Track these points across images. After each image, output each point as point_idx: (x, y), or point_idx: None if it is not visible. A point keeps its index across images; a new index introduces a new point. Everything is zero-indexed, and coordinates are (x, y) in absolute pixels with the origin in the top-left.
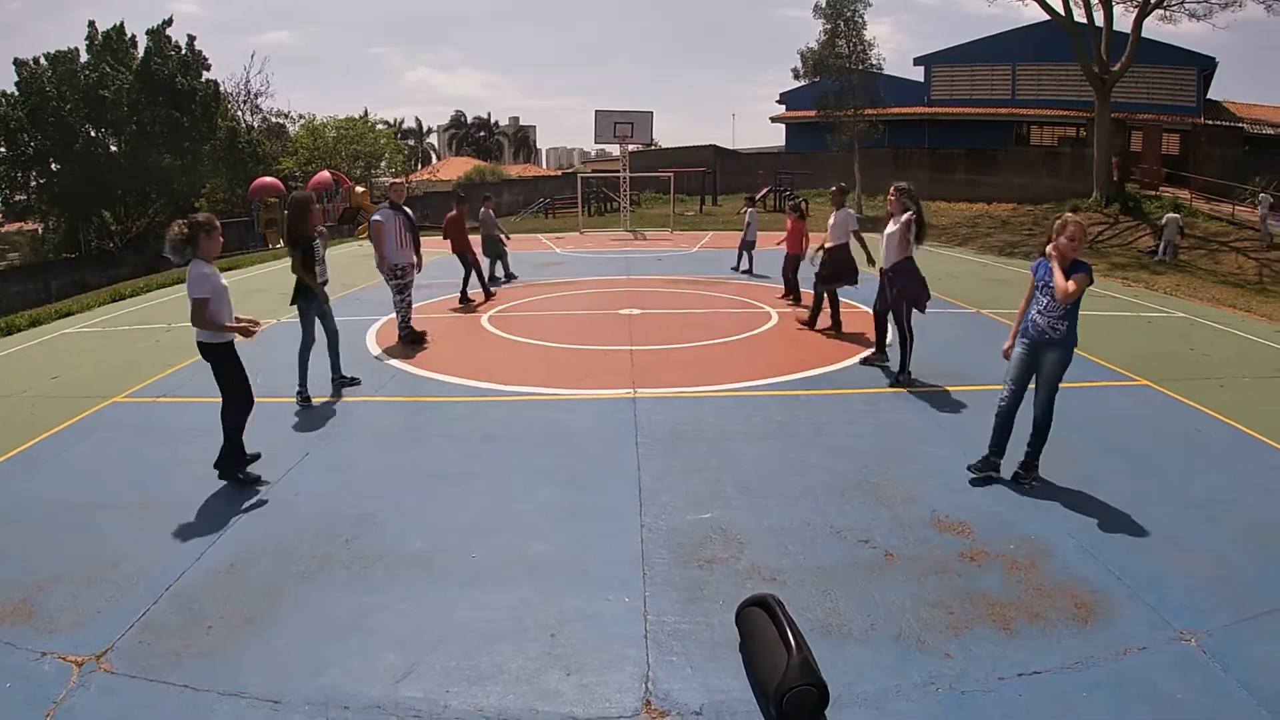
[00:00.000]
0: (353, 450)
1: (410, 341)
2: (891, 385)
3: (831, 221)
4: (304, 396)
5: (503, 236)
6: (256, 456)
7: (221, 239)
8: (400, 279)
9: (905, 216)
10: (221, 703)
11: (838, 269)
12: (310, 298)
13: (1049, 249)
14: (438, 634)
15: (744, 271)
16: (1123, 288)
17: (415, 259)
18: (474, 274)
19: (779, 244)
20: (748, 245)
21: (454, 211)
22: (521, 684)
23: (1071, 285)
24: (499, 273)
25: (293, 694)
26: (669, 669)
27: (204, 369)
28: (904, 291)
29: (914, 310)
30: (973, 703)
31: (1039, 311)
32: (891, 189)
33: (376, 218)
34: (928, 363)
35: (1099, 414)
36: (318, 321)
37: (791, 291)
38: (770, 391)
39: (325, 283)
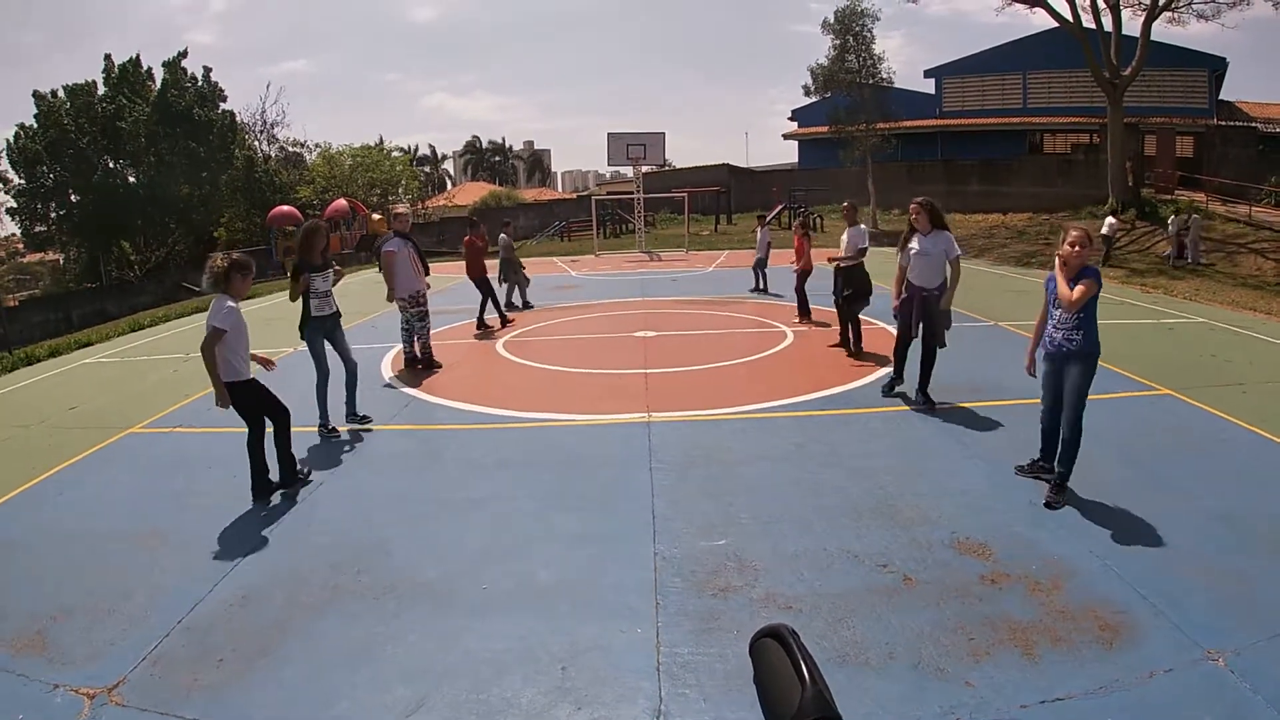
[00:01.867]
0: (366, 479)
1: (428, 366)
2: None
3: (845, 239)
4: (328, 429)
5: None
6: (289, 482)
7: (252, 282)
8: (420, 305)
9: (949, 242)
10: None
11: (857, 289)
12: (315, 328)
13: (1058, 259)
14: (447, 666)
15: (755, 290)
16: (1141, 294)
17: (427, 285)
18: (490, 300)
19: (792, 264)
20: (759, 264)
21: (468, 236)
22: (532, 718)
23: (1076, 292)
24: (516, 299)
25: None
26: (682, 703)
27: None
28: (934, 321)
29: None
30: None
31: (1054, 325)
32: (914, 204)
33: (388, 248)
34: (945, 378)
35: (1121, 426)
36: (331, 353)
37: (803, 310)
38: (786, 413)
39: (336, 314)
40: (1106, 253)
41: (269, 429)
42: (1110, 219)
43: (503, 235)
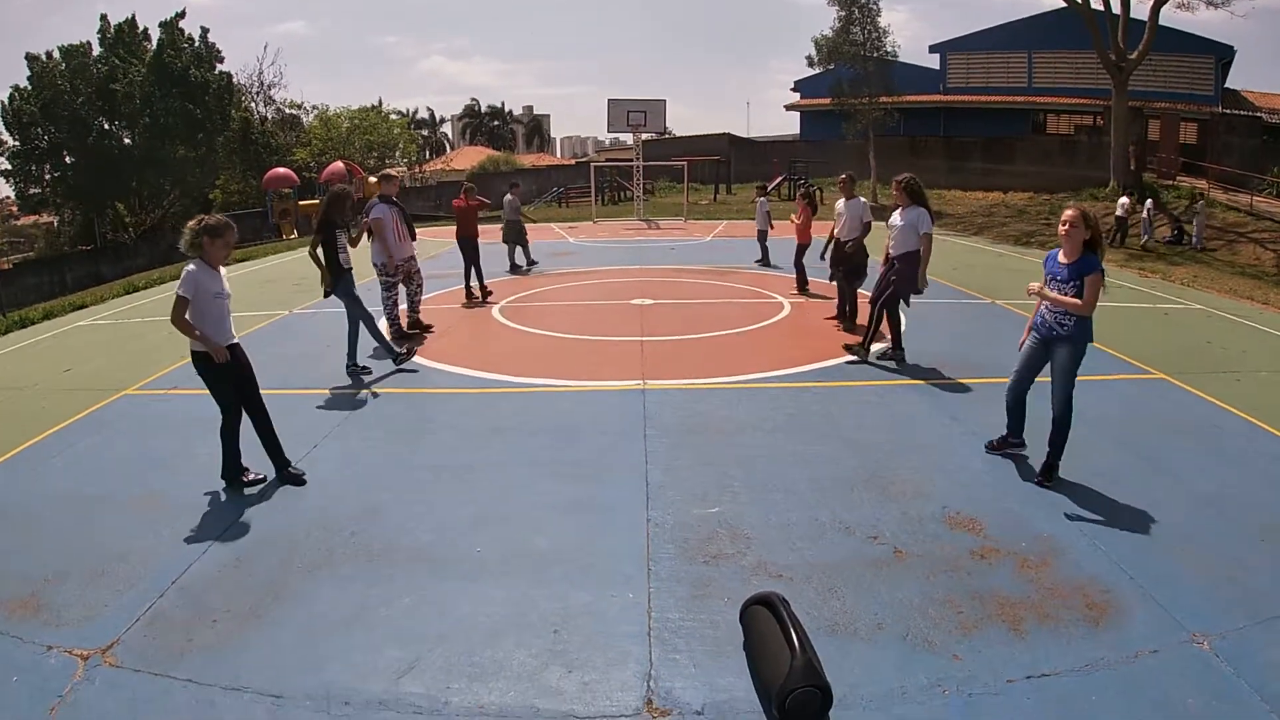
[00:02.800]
0: (360, 443)
1: (414, 329)
2: (856, 361)
3: (840, 211)
4: (359, 367)
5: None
6: (260, 480)
7: (229, 244)
8: (405, 271)
9: (918, 215)
10: (225, 697)
11: (858, 267)
12: (349, 280)
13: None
14: (440, 629)
15: (760, 262)
16: (1139, 278)
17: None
18: (473, 269)
19: (796, 221)
20: (761, 235)
21: (460, 199)
22: (523, 681)
23: (1086, 295)
24: (519, 259)
25: (295, 689)
26: (672, 667)
27: None
28: (898, 281)
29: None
30: (980, 705)
31: (1046, 307)
32: (895, 182)
33: (375, 215)
34: (941, 354)
35: (1114, 408)
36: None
37: (801, 283)
38: (781, 384)
39: (349, 270)
40: (1122, 236)
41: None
42: (1124, 199)
43: (509, 196)
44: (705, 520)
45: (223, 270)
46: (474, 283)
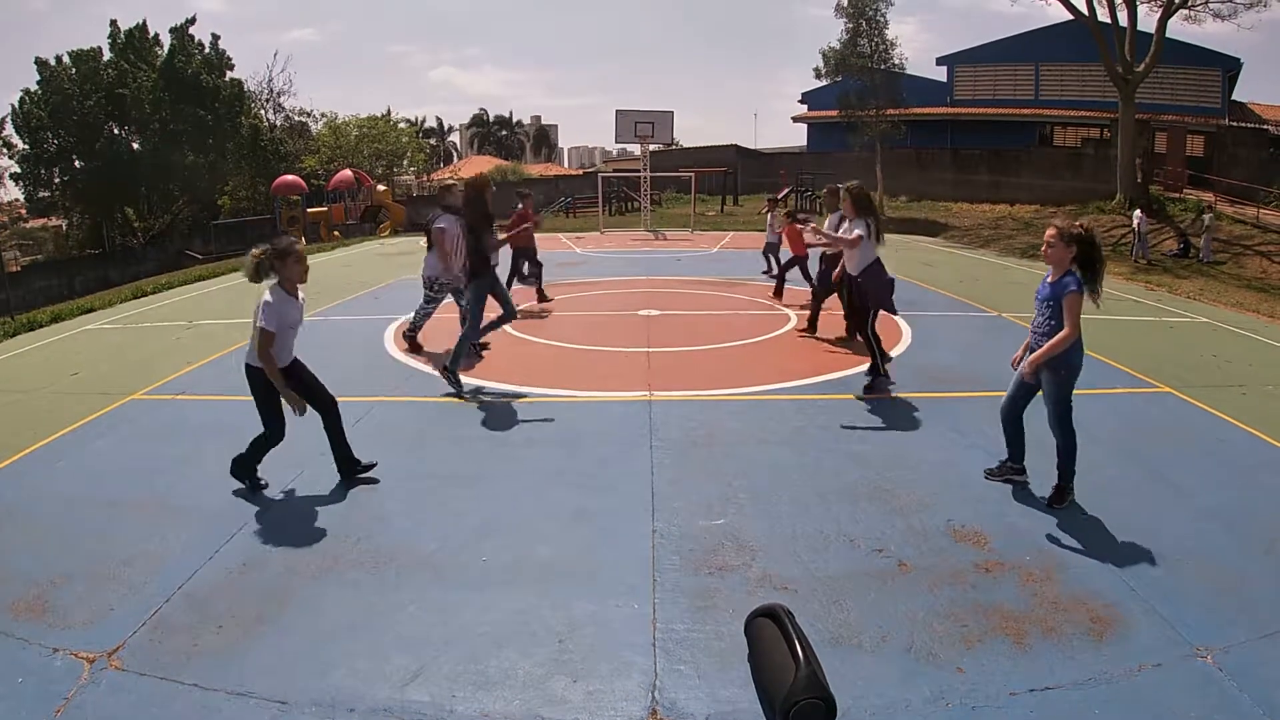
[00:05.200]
0: (367, 450)
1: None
2: (866, 392)
3: (830, 227)
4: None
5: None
6: (264, 485)
7: (303, 259)
8: (453, 287)
9: (858, 229)
10: (229, 702)
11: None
12: (482, 276)
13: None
14: (445, 637)
15: (765, 273)
16: (1146, 291)
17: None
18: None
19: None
20: (770, 248)
21: (521, 207)
22: (528, 690)
23: (1066, 325)
24: (526, 270)
25: (300, 695)
26: (676, 678)
27: (224, 366)
28: (872, 300)
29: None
30: (983, 718)
31: (1033, 329)
32: (843, 190)
33: (440, 225)
34: (946, 367)
35: (1119, 421)
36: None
37: (779, 290)
38: (787, 396)
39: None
40: (1143, 250)
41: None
42: (1138, 213)
43: (520, 206)
44: (710, 531)
45: (301, 292)
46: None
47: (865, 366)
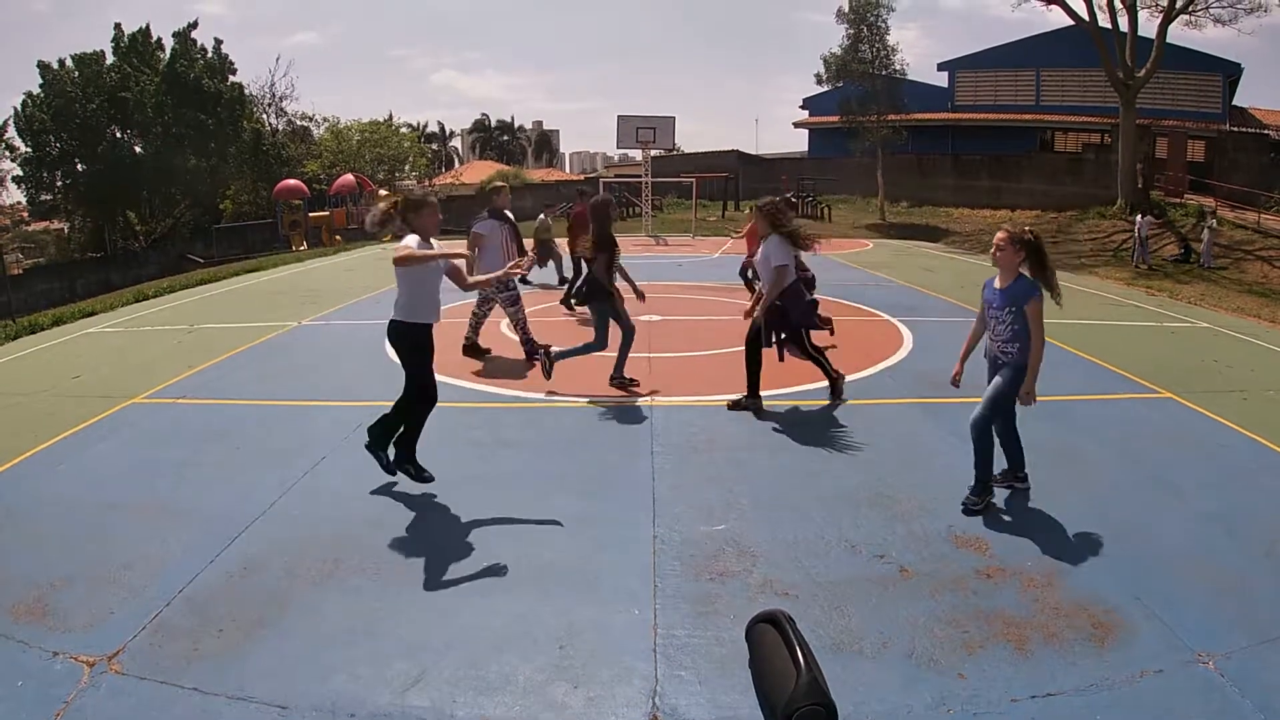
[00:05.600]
0: (367, 455)
1: (532, 354)
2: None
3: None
4: (624, 381)
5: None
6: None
7: (436, 213)
8: (509, 290)
9: (778, 254)
10: (230, 707)
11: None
12: (609, 297)
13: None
14: (446, 642)
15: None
16: (1147, 297)
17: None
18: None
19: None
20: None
21: (580, 206)
22: (528, 695)
23: (1037, 345)
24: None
25: (300, 700)
26: (677, 684)
27: (225, 370)
28: (794, 318)
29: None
30: None
31: (989, 336)
32: (755, 209)
33: (477, 229)
34: (947, 372)
35: (1120, 426)
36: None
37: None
38: (789, 401)
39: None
40: (1144, 255)
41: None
42: (1139, 218)
43: (542, 216)
44: (711, 537)
45: (435, 244)
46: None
47: (866, 373)
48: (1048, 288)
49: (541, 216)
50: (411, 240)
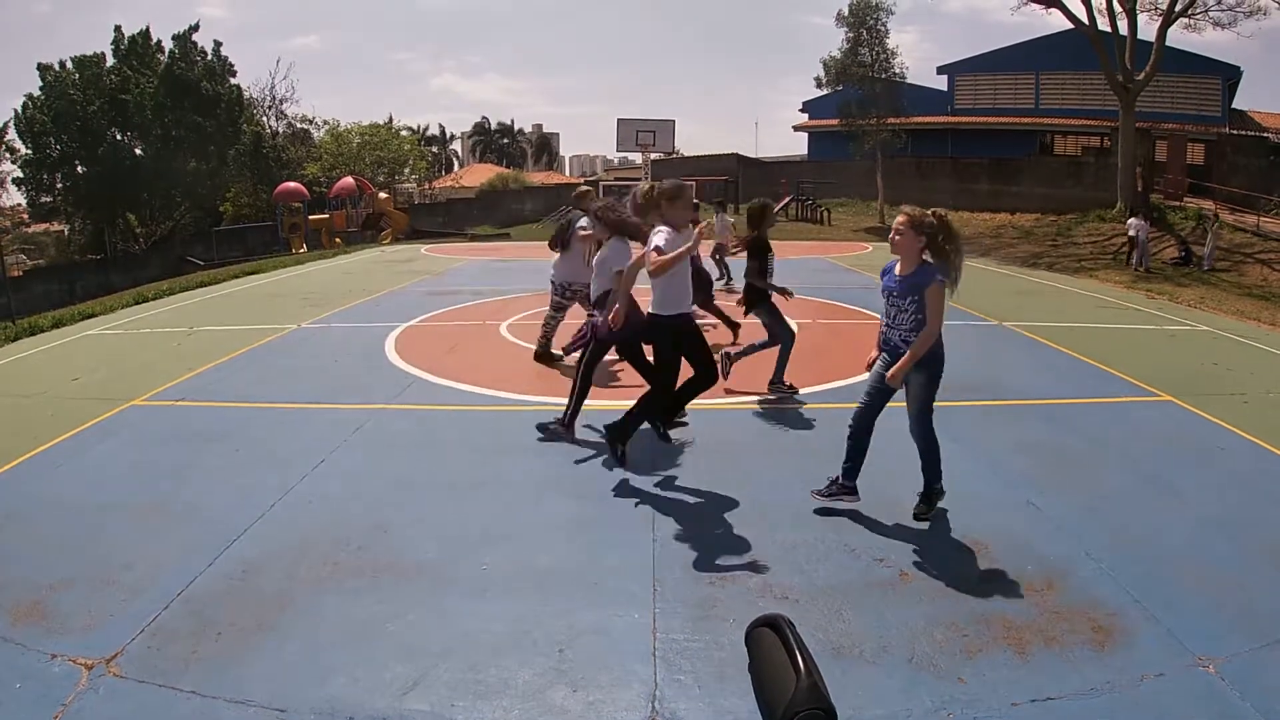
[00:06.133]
0: (368, 457)
1: (543, 358)
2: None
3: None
4: (786, 387)
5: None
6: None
7: (690, 204)
8: (581, 296)
9: (617, 255)
10: (228, 710)
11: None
12: (767, 298)
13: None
14: (445, 646)
15: (718, 278)
16: (1146, 300)
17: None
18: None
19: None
20: (719, 250)
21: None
22: (528, 699)
23: (925, 329)
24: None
25: (299, 703)
26: (677, 688)
27: (225, 373)
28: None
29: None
30: None
31: (889, 325)
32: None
33: (582, 227)
34: (946, 376)
35: (1119, 429)
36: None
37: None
38: (788, 404)
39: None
40: (1140, 257)
41: None
42: (1133, 220)
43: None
44: (711, 540)
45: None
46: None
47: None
48: (946, 274)
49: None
50: (661, 237)
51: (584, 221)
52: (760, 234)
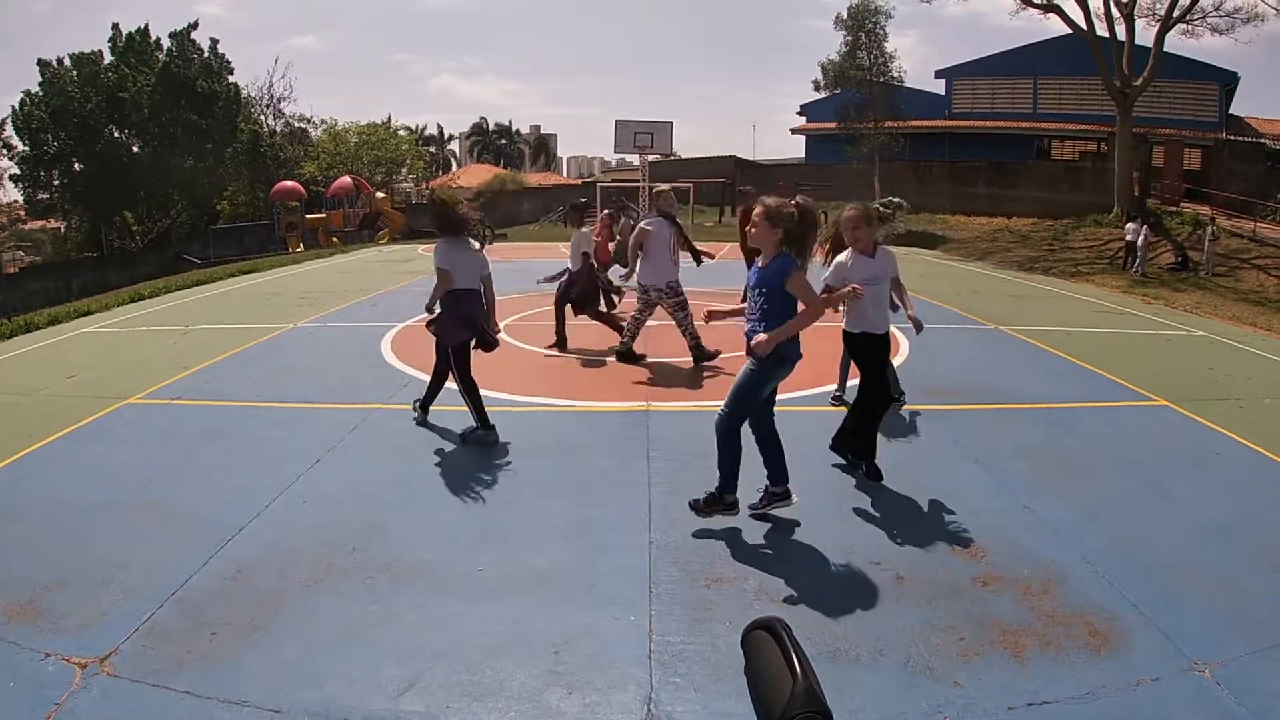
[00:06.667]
0: (362, 458)
1: (701, 359)
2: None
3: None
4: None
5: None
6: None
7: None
8: (678, 295)
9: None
10: (223, 710)
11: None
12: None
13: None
14: (440, 647)
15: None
16: (1143, 305)
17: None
18: None
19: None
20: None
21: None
22: (523, 701)
23: (809, 310)
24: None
25: (293, 704)
26: (672, 691)
27: (220, 371)
28: (440, 332)
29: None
30: None
31: (747, 315)
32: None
33: (645, 225)
34: (944, 379)
35: (1116, 434)
36: None
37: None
38: (784, 407)
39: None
40: (1137, 261)
41: None
42: (1130, 224)
43: (625, 220)
44: (708, 543)
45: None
46: None
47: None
48: (795, 261)
49: (627, 220)
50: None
51: (650, 223)
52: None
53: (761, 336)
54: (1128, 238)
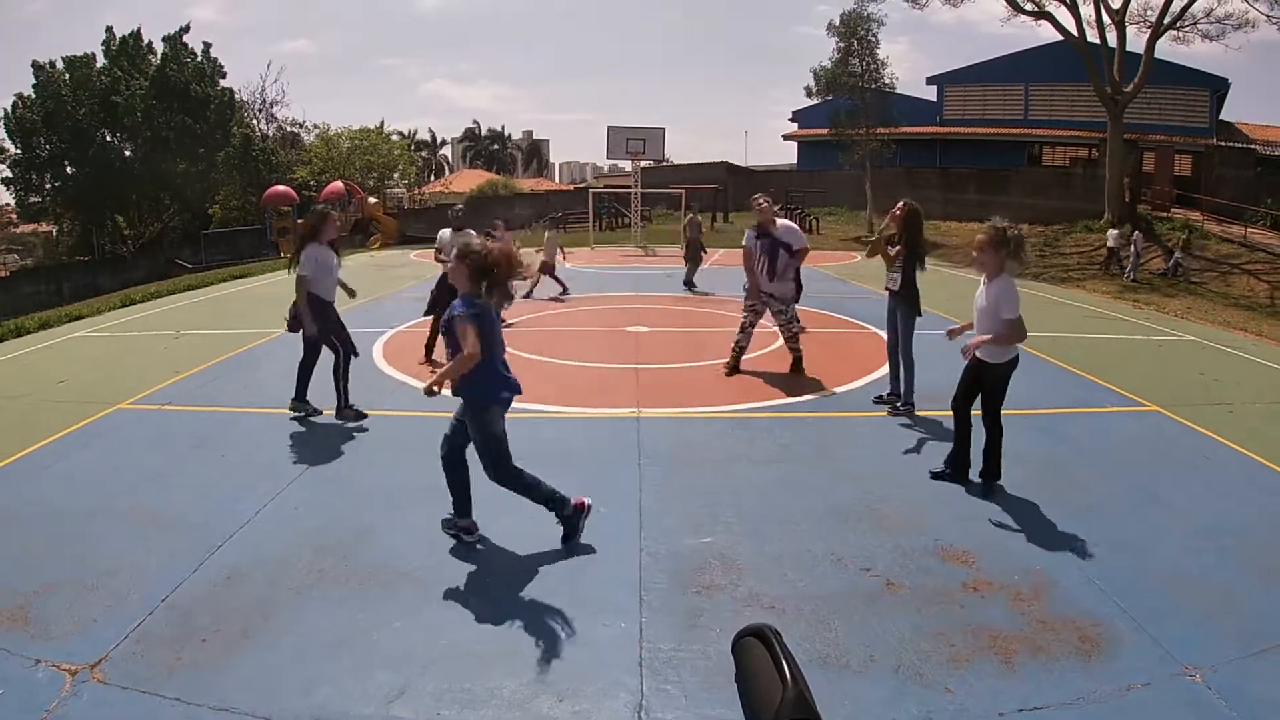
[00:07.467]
0: (353, 464)
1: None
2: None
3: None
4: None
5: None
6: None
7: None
8: (783, 304)
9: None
10: (213, 717)
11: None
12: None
13: None
14: (430, 655)
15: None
16: (1133, 310)
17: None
18: None
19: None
20: (544, 267)
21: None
22: (514, 709)
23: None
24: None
25: (283, 711)
26: (663, 698)
27: (211, 377)
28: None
29: None
30: None
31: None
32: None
33: (744, 242)
34: (935, 385)
35: (1107, 440)
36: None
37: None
38: (776, 414)
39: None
40: (1129, 268)
41: None
42: (1112, 231)
43: (691, 216)
44: (698, 550)
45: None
46: None
47: (853, 385)
48: (471, 306)
49: (692, 217)
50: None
51: (746, 240)
52: (916, 238)
53: (435, 379)
54: (1109, 244)
